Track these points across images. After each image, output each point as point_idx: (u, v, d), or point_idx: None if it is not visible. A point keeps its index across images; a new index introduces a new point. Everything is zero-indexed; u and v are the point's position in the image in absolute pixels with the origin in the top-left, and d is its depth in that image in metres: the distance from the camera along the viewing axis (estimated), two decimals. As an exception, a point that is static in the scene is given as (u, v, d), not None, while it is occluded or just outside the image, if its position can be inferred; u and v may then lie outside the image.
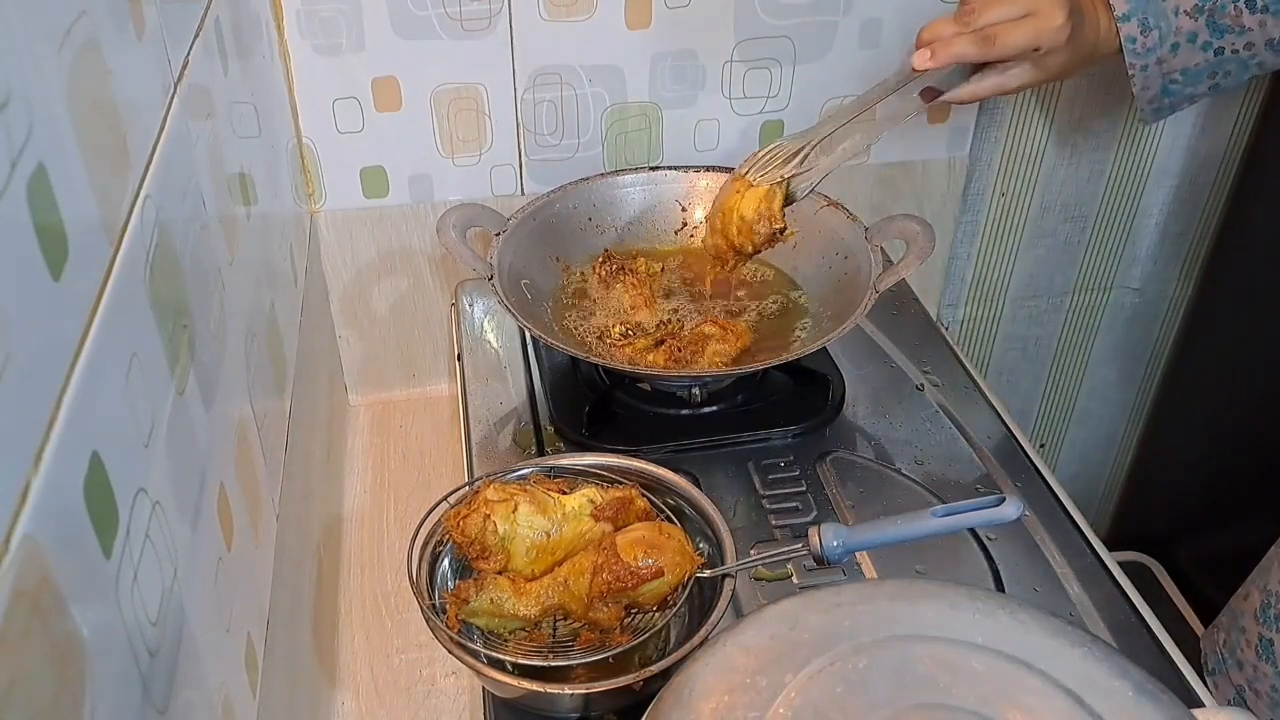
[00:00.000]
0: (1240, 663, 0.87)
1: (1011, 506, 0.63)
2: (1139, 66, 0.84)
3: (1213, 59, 0.83)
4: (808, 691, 0.46)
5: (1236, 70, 0.85)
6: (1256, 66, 0.84)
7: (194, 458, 0.51)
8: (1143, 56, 0.83)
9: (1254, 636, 0.87)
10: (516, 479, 0.69)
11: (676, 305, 0.95)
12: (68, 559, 0.34)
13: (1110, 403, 1.44)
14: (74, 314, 0.38)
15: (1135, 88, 0.86)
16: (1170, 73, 0.84)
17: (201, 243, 0.58)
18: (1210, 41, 0.83)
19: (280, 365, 0.78)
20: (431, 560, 0.67)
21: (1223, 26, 0.82)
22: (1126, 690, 0.46)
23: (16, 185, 0.33)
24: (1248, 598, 0.90)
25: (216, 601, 0.52)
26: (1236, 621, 0.90)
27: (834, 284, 0.93)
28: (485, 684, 0.66)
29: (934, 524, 0.63)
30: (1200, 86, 0.86)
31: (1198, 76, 0.85)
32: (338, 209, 1.05)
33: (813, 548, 0.63)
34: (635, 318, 0.92)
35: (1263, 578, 0.89)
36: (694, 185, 1.01)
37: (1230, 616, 0.91)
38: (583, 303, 0.95)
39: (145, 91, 0.51)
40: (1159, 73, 0.84)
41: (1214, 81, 0.85)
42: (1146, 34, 0.83)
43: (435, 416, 1.14)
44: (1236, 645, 0.89)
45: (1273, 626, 0.85)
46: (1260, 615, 0.87)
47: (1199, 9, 0.82)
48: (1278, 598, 0.86)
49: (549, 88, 1.02)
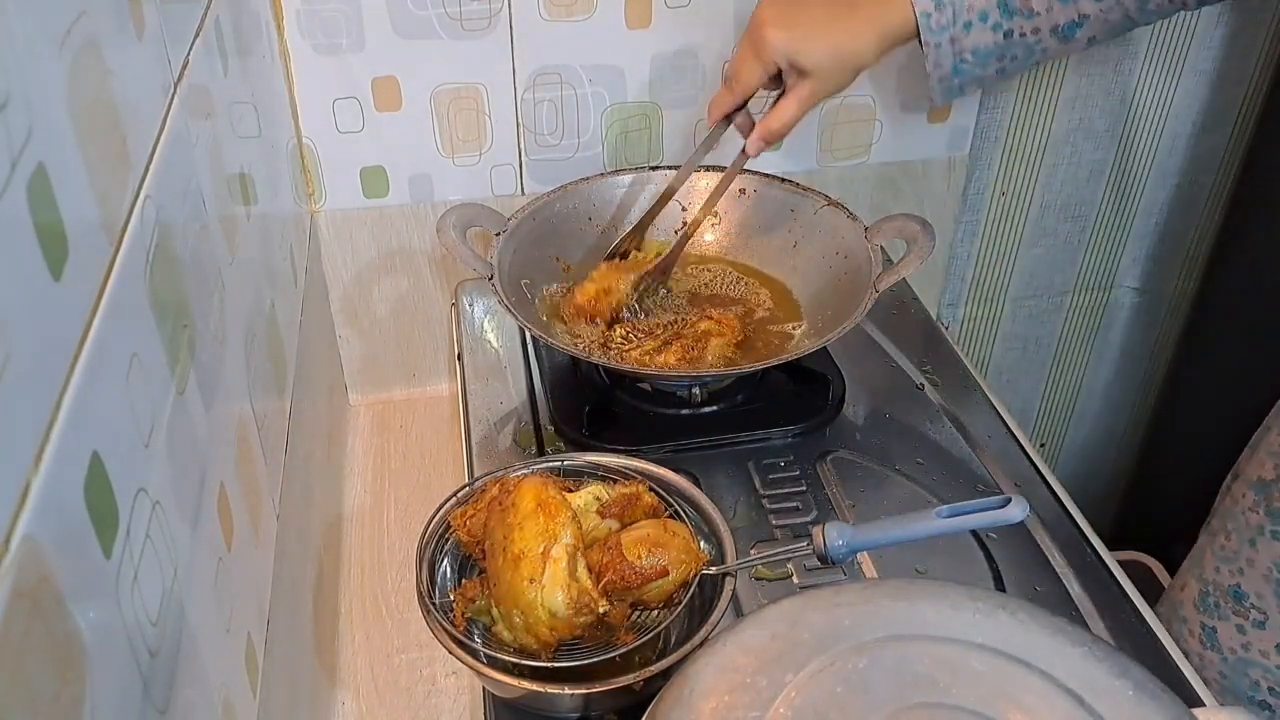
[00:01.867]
0: (1186, 652, 0.89)
1: (1017, 508, 0.63)
2: (933, 44, 0.85)
3: (1002, 41, 0.84)
4: (808, 691, 0.46)
5: (1023, 55, 0.86)
6: (1041, 53, 0.86)
7: (194, 458, 0.51)
8: (936, 34, 0.84)
9: (1195, 626, 0.91)
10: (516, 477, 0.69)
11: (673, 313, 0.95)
12: (68, 559, 0.34)
13: (1110, 403, 1.44)
14: (74, 314, 0.38)
15: (928, 65, 0.86)
16: (961, 52, 0.85)
17: (201, 243, 0.58)
18: (1000, 23, 0.84)
19: (280, 365, 0.78)
20: (432, 560, 0.67)
21: (1013, 8, 0.83)
22: (1126, 690, 0.46)
23: (16, 185, 0.33)
24: (1184, 588, 0.93)
25: (217, 601, 0.52)
26: (1176, 612, 0.93)
27: (834, 284, 0.93)
28: (486, 684, 0.66)
29: (939, 525, 0.63)
30: (989, 69, 0.87)
31: (986, 58, 0.86)
32: (338, 209, 1.05)
33: (816, 547, 0.63)
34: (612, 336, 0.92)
35: (1197, 567, 0.93)
36: (694, 185, 1.01)
37: (1169, 607, 0.95)
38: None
39: (145, 91, 0.51)
40: (951, 51, 0.85)
41: (1001, 65, 0.86)
42: (940, 10, 0.84)
43: (435, 416, 1.14)
44: (1180, 636, 0.92)
45: (1213, 614, 0.90)
46: (1199, 604, 0.91)
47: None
48: (1215, 586, 0.90)
49: (549, 87, 1.02)
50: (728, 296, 0.98)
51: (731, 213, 1.01)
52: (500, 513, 0.62)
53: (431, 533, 0.67)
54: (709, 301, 0.97)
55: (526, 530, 0.60)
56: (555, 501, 0.61)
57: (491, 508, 0.63)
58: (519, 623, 0.60)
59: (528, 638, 0.60)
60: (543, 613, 0.59)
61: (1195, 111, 1.18)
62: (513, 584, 0.59)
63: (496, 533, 0.62)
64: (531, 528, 0.60)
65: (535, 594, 0.59)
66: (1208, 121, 1.19)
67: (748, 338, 0.91)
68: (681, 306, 0.96)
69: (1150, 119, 1.18)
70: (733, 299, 0.97)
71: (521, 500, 0.61)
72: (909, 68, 1.07)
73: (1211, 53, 1.15)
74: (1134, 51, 1.13)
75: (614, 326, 0.91)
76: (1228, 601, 0.89)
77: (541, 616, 0.59)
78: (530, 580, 0.59)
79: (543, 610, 0.59)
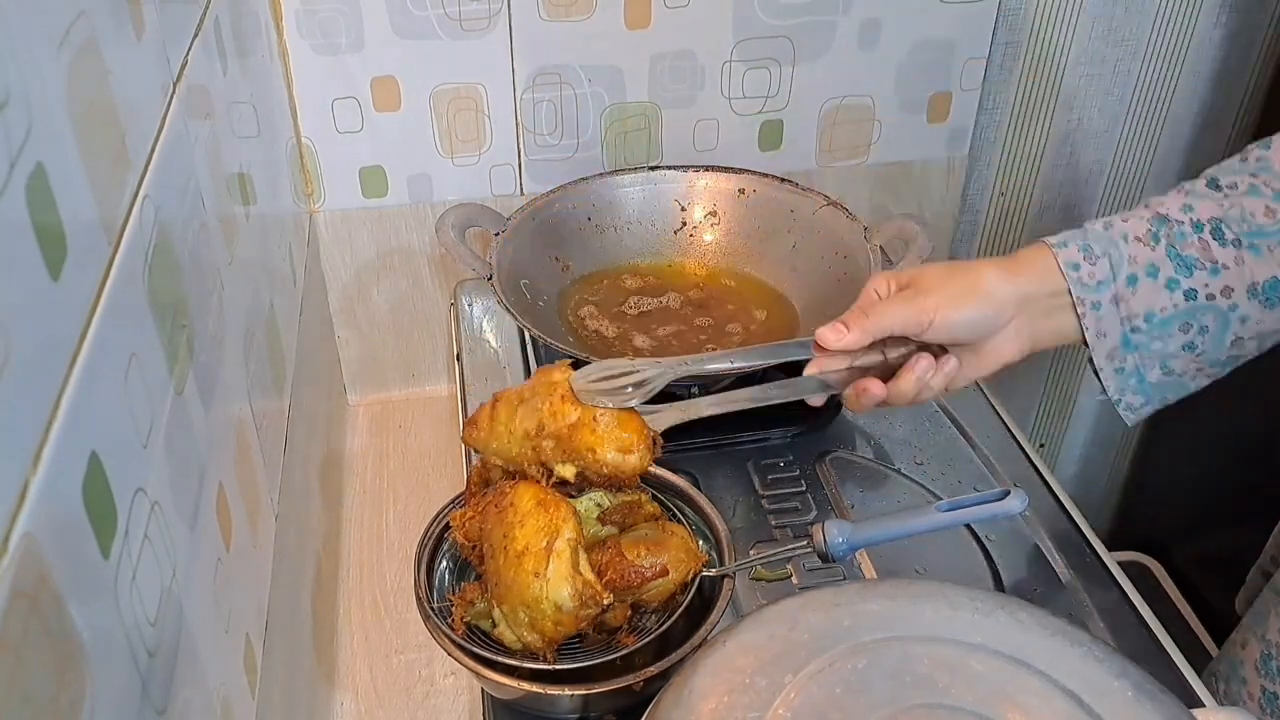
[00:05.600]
0: None
1: (1016, 500, 0.63)
2: (1089, 303, 0.67)
3: (1184, 304, 0.66)
4: (807, 692, 0.46)
5: (1216, 326, 0.67)
6: (1239, 323, 0.67)
7: (193, 457, 0.51)
8: (1092, 290, 0.67)
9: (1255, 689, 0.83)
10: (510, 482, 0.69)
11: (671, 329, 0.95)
12: (66, 559, 0.34)
13: (1110, 403, 1.43)
14: (73, 314, 0.38)
15: (1088, 334, 0.68)
16: (1132, 317, 0.67)
17: (200, 242, 0.58)
18: (1177, 278, 0.66)
19: (279, 365, 0.78)
20: (430, 564, 0.67)
21: (1189, 260, 0.66)
22: (1126, 690, 0.46)
23: (15, 185, 0.33)
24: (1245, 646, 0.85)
25: (215, 602, 0.52)
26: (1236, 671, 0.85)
27: (834, 284, 0.93)
28: (485, 686, 0.66)
29: (938, 519, 0.63)
30: (1171, 343, 0.68)
31: (1166, 327, 0.67)
32: (337, 209, 1.05)
33: (817, 545, 0.63)
34: None
35: (1260, 625, 0.84)
36: (693, 185, 1.01)
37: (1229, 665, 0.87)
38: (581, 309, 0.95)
39: (144, 91, 0.51)
40: (1116, 315, 0.67)
41: (1188, 338, 0.67)
42: (1092, 261, 0.67)
43: (434, 416, 1.14)
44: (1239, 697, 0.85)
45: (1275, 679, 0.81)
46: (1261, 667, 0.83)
47: (1153, 235, 0.67)
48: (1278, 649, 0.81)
49: (548, 88, 1.02)
50: (726, 298, 0.97)
51: (731, 213, 1.01)
52: (498, 514, 0.62)
53: (430, 536, 0.67)
54: (708, 302, 0.97)
55: (528, 526, 0.60)
56: (554, 498, 0.61)
57: (488, 511, 0.63)
58: (524, 619, 0.59)
59: (532, 635, 0.60)
60: (548, 606, 0.58)
61: (1195, 111, 1.18)
62: (516, 580, 0.59)
63: (495, 533, 0.61)
64: (533, 524, 0.60)
65: (540, 588, 0.58)
66: (1208, 121, 1.19)
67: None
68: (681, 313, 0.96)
69: (1150, 118, 1.18)
70: (731, 300, 0.97)
71: (520, 500, 0.61)
72: (909, 67, 1.08)
73: (1210, 53, 1.15)
74: (1134, 52, 1.13)
75: None
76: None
77: (547, 611, 0.58)
78: (535, 575, 0.58)
79: (548, 604, 0.58)
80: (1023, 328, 0.68)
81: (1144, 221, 0.68)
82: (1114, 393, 0.71)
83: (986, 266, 0.68)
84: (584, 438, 0.61)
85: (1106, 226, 0.69)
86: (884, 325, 0.66)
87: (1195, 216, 0.67)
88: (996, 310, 0.66)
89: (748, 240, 1.00)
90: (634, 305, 0.96)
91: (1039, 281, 0.68)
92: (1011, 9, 1.07)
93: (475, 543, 0.64)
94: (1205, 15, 1.12)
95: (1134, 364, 0.69)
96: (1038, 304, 0.68)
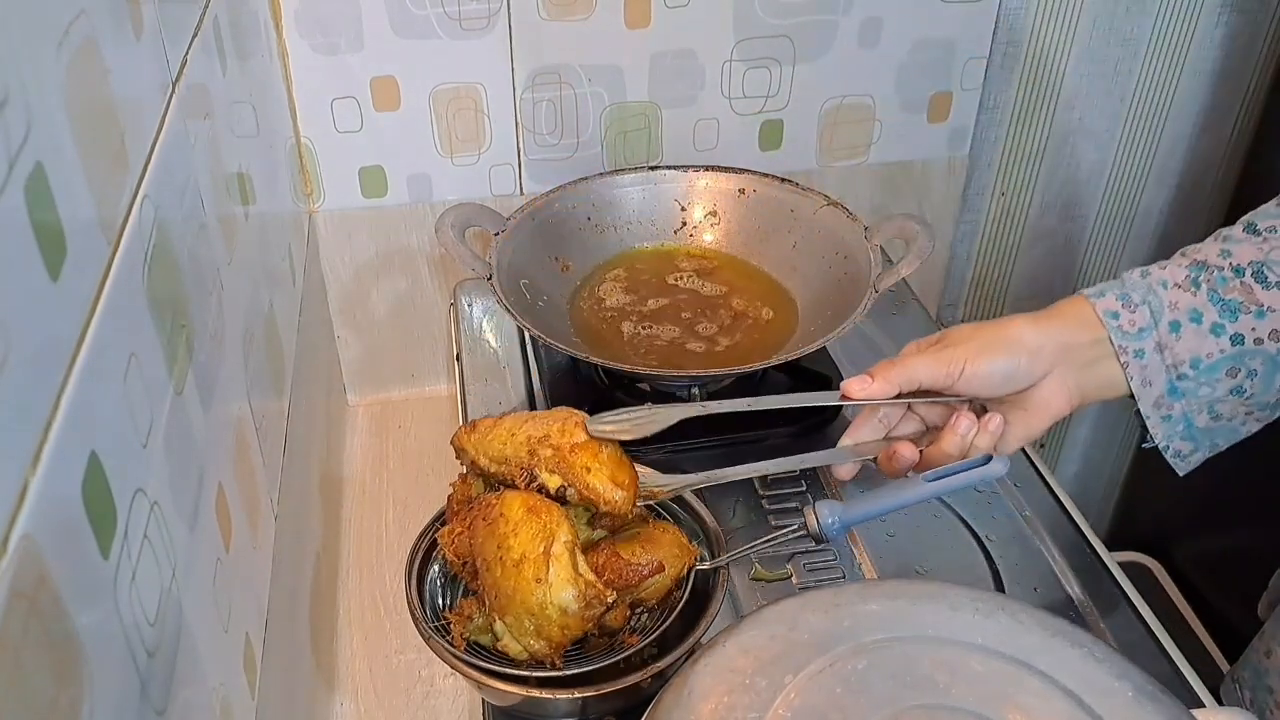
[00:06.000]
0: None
1: (999, 463, 0.63)
2: (1131, 351, 0.66)
3: (1230, 348, 0.65)
4: (807, 692, 0.46)
5: (1265, 370, 0.66)
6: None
7: (192, 458, 0.51)
8: (1134, 338, 0.66)
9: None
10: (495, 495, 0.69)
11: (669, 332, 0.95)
12: (66, 559, 0.34)
13: (1110, 403, 1.43)
14: (72, 314, 0.38)
15: (1133, 383, 0.67)
16: (1178, 364, 0.66)
17: (200, 242, 0.57)
18: (1222, 324, 0.65)
19: (278, 365, 0.78)
20: (420, 582, 0.66)
21: (1233, 305, 0.65)
22: (1126, 691, 0.46)
23: (14, 185, 0.33)
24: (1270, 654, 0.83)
25: (215, 602, 0.52)
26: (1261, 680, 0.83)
27: (834, 284, 0.93)
28: (486, 695, 0.66)
29: (926, 489, 0.63)
30: (1219, 388, 0.67)
31: (1214, 372, 0.66)
32: (336, 209, 1.05)
33: (810, 526, 0.63)
34: None
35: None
36: (693, 185, 1.01)
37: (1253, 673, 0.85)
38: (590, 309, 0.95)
39: (143, 91, 0.51)
40: (1161, 364, 0.67)
41: (1236, 382, 0.66)
42: (1131, 309, 0.66)
43: (434, 416, 1.14)
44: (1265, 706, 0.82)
45: None
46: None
47: (1193, 281, 0.67)
48: None
49: (548, 87, 1.02)
50: (723, 299, 0.97)
51: (731, 212, 1.01)
52: (488, 526, 0.61)
53: (417, 554, 0.67)
54: (707, 305, 0.97)
55: (522, 534, 0.59)
56: (544, 503, 0.61)
57: (476, 525, 0.62)
58: (529, 627, 0.59)
59: (539, 642, 0.59)
60: (553, 611, 0.58)
61: (1195, 111, 1.18)
62: (518, 588, 0.59)
63: (488, 546, 0.61)
64: (527, 531, 0.59)
65: (544, 593, 0.58)
66: (1208, 121, 1.19)
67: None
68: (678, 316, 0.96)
69: (1150, 119, 1.18)
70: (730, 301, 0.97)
71: (510, 509, 0.61)
72: (910, 66, 1.08)
73: (1211, 53, 1.15)
74: (1134, 51, 1.13)
75: None
76: None
77: (553, 615, 0.58)
78: (536, 581, 0.58)
79: (553, 609, 0.58)
80: (1067, 378, 0.67)
81: (1182, 269, 0.68)
82: (1162, 440, 0.70)
83: (1018, 319, 0.68)
84: (583, 458, 0.62)
85: (1144, 275, 0.68)
86: (911, 376, 0.66)
87: (1235, 261, 0.67)
88: (1030, 358, 0.65)
89: (748, 240, 1.00)
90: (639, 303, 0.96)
91: (1075, 330, 0.67)
92: (1012, 9, 1.07)
93: (466, 559, 0.63)
94: (1206, 15, 1.12)
95: (1181, 410, 0.68)
96: (1078, 353, 0.67)
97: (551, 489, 0.62)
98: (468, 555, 0.63)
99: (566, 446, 0.62)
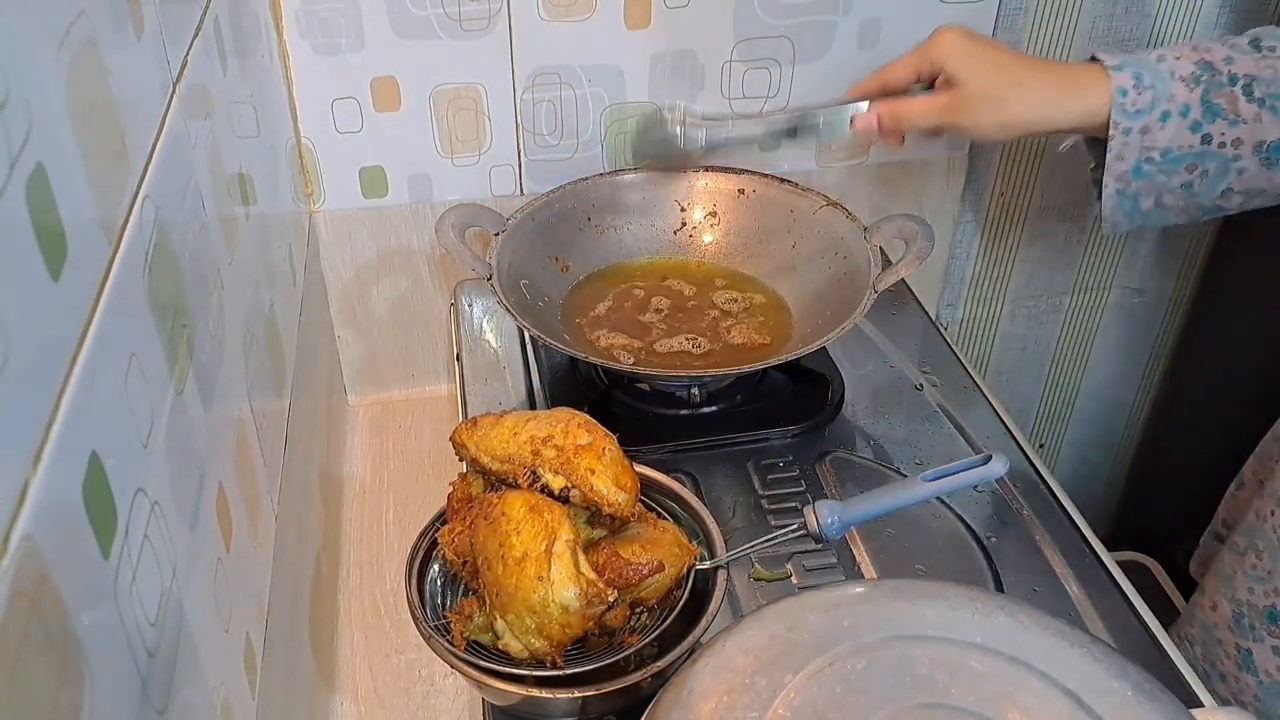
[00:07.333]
0: (1223, 674, 0.86)
1: (999, 463, 0.64)
2: (1121, 129, 0.73)
3: (1197, 146, 0.72)
4: (807, 692, 0.46)
5: (1215, 172, 0.73)
6: (1236, 175, 0.73)
7: (193, 458, 0.51)
8: (1130, 117, 0.73)
9: (1231, 648, 0.86)
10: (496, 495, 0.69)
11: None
12: (66, 559, 0.34)
13: (1110, 403, 1.44)
14: (73, 314, 0.38)
15: (1110, 155, 0.74)
16: (1150, 149, 0.73)
17: (200, 243, 0.58)
18: (1201, 122, 0.72)
19: (279, 365, 0.78)
20: (420, 575, 0.66)
21: (1217, 109, 0.72)
22: (1125, 690, 0.46)
23: (15, 185, 0.33)
24: (1215, 608, 0.88)
25: (215, 602, 0.52)
26: (1211, 634, 0.88)
27: (833, 284, 0.93)
28: (486, 694, 0.66)
29: (925, 489, 0.63)
30: (1173, 179, 0.74)
31: (1174, 164, 0.74)
32: (337, 209, 1.05)
33: (810, 526, 0.63)
34: None
35: (1228, 586, 0.87)
36: (693, 185, 1.01)
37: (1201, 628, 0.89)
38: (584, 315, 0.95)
39: (144, 91, 0.51)
40: (1139, 144, 0.73)
41: (1189, 178, 0.74)
42: (1140, 91, 0.73)
43: (434, 416, 1.14)
44: (1216, 658, 0.87)
45: (1248, 636, 0.84)
46: (1234, 626, 0.86)
47: (1195, 79, 0.73)
48: (1249, 607, 0.84)
49: (548, 88, 1.02)
50: (722, 299, 0.97)
51: (730, 213, 1.01)
52: (489, 525, 0.61)
53: (417, 555, 0.67)
54: (706, 306, 0.97)
55: (524, 532, 0.60)
56: (546, 502, 0.61)
57: (476, 524, 0.63)
58: (530, 625, 0.59)
59: (540, 641, 0.59)
60: (555, 609, 0.58)
61: (1194, 112, 1.18)
62: (520, 586, 0.59)
63: (489, 544, 0.61)
64: (528, 529, 0.60)
65: (545, 591, 0.58)
66: (1207, 122, 1.19)
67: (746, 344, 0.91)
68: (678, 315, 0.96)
69: (1149, 119, 1.18)
70: (730, 301, 0.97)
71: (511, 508, 0.61)
72: (908, 68, 1.07)
73: (1211, 53, 1.15)
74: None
75: None
76: (1263, 623, 0.84)
77: (554, 613, 0.58)
78: (538, 579, 0.58)
79: (555, 607, 0.58)
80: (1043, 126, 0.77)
81: (1189, 63, 0.73)
82: (1109, 212, 0.77)
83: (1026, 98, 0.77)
84: (587, 460, 0.62)
85: (1159, 60, 0.74)
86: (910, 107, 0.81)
87: (1233, 70, 0.72)
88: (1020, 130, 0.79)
89: (748, 240, 1.00)
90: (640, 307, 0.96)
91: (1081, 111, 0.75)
92: (1011, 9, 1.07)
93: (466, 558, 0.63)
94: (1205, 15, 1.12)
95: (1134, 190, 0.75)
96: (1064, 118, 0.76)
97: (555, 489, 0.62)
98: (468, 554, 0.63)
99: (570, 448, 0.63)
